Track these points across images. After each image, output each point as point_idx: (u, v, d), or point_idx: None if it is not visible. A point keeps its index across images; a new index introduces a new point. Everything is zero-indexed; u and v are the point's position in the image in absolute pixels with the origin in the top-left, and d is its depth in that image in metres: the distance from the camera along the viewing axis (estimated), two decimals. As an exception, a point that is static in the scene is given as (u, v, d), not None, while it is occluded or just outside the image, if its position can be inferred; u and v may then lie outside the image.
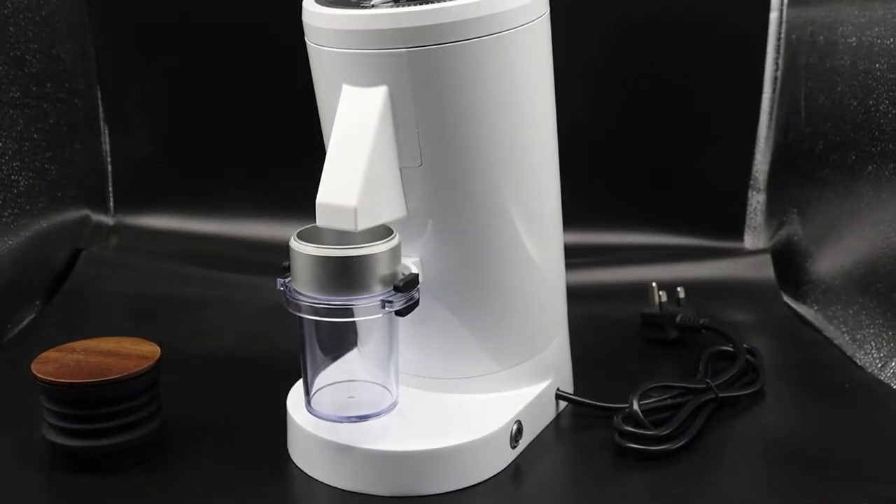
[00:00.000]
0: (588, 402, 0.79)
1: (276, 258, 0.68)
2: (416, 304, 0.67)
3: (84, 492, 0.70)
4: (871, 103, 0.90)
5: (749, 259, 1.07)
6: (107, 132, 1.15)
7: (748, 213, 1.10)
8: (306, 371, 0.70)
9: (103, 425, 0.70)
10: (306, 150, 0.81)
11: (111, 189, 1.16)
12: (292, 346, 0.70)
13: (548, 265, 0.75)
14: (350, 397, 0.72)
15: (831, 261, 0.97)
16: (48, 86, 1.05)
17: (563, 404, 0.80)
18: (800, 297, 1.02)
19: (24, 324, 0.99)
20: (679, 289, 0.93)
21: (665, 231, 1.10)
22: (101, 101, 1.15)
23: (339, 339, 0.72)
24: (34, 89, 1.02)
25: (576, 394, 0.80)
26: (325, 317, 0.65)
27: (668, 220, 1.10)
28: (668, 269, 1.04)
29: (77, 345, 0.75)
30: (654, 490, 0.70)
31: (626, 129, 1.10)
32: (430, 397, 0.74)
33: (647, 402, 0.75)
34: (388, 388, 0.71)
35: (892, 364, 0.85)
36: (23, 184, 1.00)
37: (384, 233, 0.66)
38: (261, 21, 1.08)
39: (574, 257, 0.85)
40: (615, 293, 1.02)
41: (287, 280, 0.67)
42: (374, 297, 0.65)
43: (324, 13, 0.65)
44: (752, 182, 1.09)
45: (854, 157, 0.93)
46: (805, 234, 1.02)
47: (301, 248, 0.65)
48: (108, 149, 1.16)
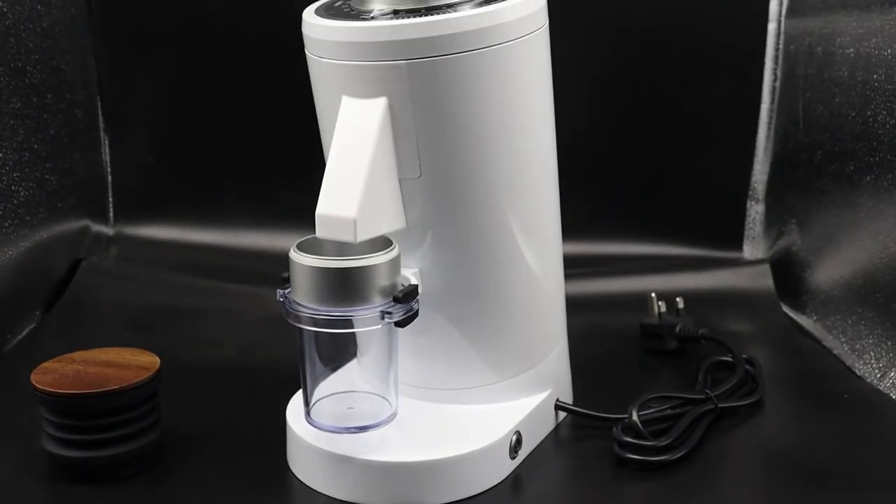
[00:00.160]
0: (587, 413, 0.78)
1: (276, 269, 0.69)
2: (416, 314, 0.67)
3: (83, 502, 0.70)
4: (868, 114, 0.90)
5: (748, 269, 1.07)
6: (107, 143, 1.15)
7: (747, 223, 1.10)
8: (306, 382, 0.70)
9: (103, 436, 0.70)
10: (306, 161, 0.81)
11: (111, 199, 1.16)
12: (292, 356, 0.70)
13: (547, 276, 0.75)
14: (349, 408, 0.72)
15: (830, 271, 0.97)
16: (49, 96, 1.05)
17: (562, 415, 0.80)
18: (799, 307, 1.02)
19: (24, 334, 0.99)
20: (678, 299, 0.93)
21: (664, 241, 1.10)
22: (101, 112, 1.15)
23: (339, 350, 0.72)
24: (35, 100, 1.03)
25: (575, 404, 0.80)
26: (324, 328, 0.65)
27: (667, 230, 1.10)
28: (667, 280, 1.04)
29: (76, 355, 0.75)
30: (653, 501, 0.70)
31: (624, 139, 1.10)
32: (429, 408, 0.74)
33: (646, 413, 0.75)
34: (387, 399, 0.71)
35: (892, 374, 0.85)
36: (23, 194, 1.00)
37: (384, 244, 0.67)
38: (261, 33, 1.09)
39: (573, 267, 0.85)
40: (614, 303, 1.02)
41: (287, 291, 0.67)
42: (373, 308, 0.65)
43: (323, 25, 0.65)
44: (750, 192, 1.09)
45: (852, 168, 0.93)
46: (804, 245, 1.02)
47: (301, 259, 0.65)
48: (108, 159, 1.16)
